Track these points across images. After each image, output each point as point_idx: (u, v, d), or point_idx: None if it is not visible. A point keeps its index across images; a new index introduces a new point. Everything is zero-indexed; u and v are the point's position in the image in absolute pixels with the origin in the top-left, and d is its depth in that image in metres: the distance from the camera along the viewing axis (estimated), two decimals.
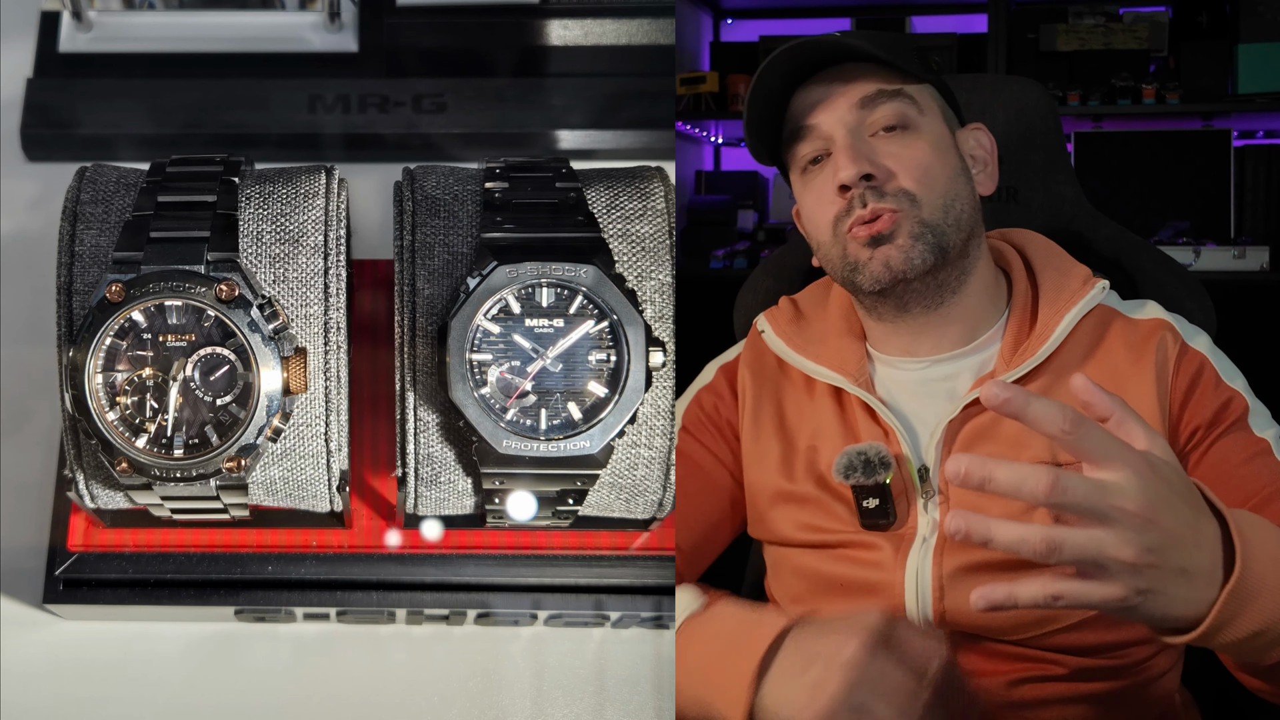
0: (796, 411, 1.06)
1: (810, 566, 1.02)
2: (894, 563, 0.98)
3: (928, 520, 0.98)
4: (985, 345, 1.02)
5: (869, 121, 0.99)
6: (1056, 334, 0.98)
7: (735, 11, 3.51)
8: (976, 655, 0.97)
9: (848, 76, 1.00)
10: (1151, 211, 3.03)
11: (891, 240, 0.97)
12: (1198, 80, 3.07)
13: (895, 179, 0.97)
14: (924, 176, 0.98)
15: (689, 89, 3.23)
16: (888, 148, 0.98)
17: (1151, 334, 0.99)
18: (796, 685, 0.79)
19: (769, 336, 1.08)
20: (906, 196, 0.97)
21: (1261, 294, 2.83)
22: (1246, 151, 3.11)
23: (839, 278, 1.02)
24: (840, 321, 1.07)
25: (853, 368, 1.03)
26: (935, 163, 0.99)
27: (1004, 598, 0.72)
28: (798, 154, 1.02)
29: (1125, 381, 0.97)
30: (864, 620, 0.80)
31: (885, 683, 0.78)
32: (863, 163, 0.97)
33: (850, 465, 0.99)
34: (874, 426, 1.01)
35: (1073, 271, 1.03)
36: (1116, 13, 3.15)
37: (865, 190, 0.97)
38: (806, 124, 1.00)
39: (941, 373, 1.02)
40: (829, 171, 0.99)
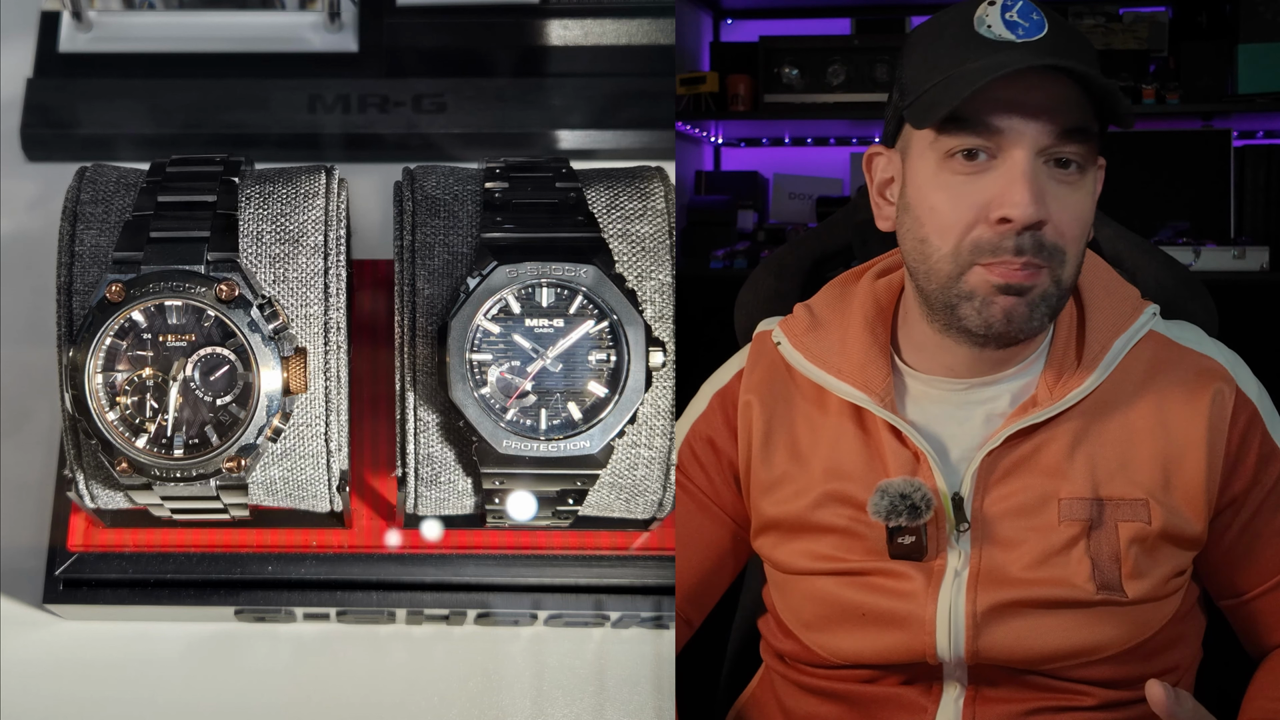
0: (810, 430, 0.99)
1: (828, 592, 0.97)
2: (925, 595, 0.93)
3: (959, 553, 0.93)
4: (1028, 369, 0.96)
5: (1052, 150, 0.88)
6: (1104, 364, 0.94)
7: (735, 11, 3.50)
8: (1004, 687, 0.94)
9: (1055, 91, 0.88)
10: (1151, 211, 3.03)
11: (1024, 295, 0.89)
12: (1198, 80, 3.06)
13: (1054, 231, 0.89)
14: (1079, 234, 0.90)
15: (689, 89, 3.23)
16: (1057, 190, 0.89)
17: (1207, 380, 0.95)
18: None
19: (785, 349, 1.01)
20: (1059, 254, 0.89)
21: (1261, 294, 2.83)
22: (1246, 151, 3.11)
23: (933, 288, 0.92)
24: (865, 333, 0.98)
25: (878, 385, 0.96)
26: (1089, 218, 0.91)
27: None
28: (952, 139, 0.89)
29: (1174, 421, 0.94)
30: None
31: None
32: (1042, 208, 0.87)
33: (894, 509, 0.93)
34: (902, 449, 0.95)
35: (1121, 294, 0.98)
36: (1116, 13, 3.15)
37: (1029, 235, 0.88)
38: (989, 120, 0.88)
39: (982, 395, 0.96)
40: (988, 182, 0.88)
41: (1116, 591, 0.92)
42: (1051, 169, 0.89)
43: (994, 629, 0.92)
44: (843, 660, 0.97)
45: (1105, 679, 0.93)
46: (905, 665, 0.95)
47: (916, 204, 0.92)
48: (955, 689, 0.95)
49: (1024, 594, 0.92)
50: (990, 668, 0.94)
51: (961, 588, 0.93)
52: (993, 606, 0.92)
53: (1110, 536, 0.92)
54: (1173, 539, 0.93)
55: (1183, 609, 0.97)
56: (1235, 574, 0.98)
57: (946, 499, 0.94)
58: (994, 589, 0.92)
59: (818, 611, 0.97)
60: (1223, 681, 1.01)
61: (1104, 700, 0.94)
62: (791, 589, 1.00)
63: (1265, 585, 0.97)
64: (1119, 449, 0.94)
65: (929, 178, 0.91)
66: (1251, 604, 0.98)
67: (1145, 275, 1.09)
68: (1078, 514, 0.93)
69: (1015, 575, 0.92)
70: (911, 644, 0.93)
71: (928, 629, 0.93)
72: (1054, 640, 0.92)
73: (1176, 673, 0.97)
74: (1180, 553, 0.95)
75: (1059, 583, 0.92)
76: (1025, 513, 0.93)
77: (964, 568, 0.93)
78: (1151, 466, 0.93)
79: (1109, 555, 0.92)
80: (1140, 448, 0.94)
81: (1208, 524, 0.95)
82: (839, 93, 3.27)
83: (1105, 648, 0.92)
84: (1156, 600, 0.93)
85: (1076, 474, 0.93)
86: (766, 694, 1.06)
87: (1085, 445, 0.94)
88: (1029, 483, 0.94)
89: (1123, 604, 0.92)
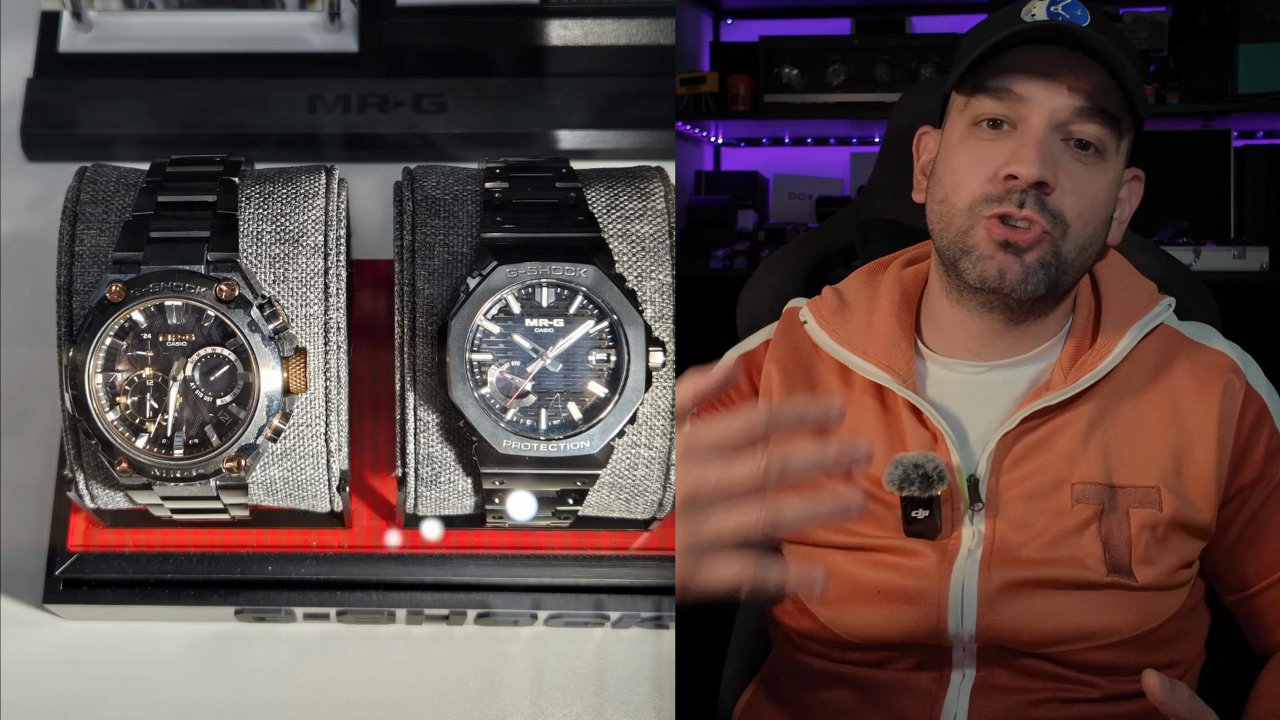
0: None
1: (841, 569, 0.98)
2: (938, 573, 0.95)
3: (972, 531, 0.95)
4: (1046, 354, 0.99)
5: (1071, 127, 0.93)
6: (1117, 350, 0.97)
7: (735, 11, 3.51)
8: (1012, 673, 0.95)
9: (1080, 69, 0.93)
10: (1151, 211, 3.02)
11: (1021, 255, 0.93)
12: (1198, 80, 3.07)
13: (1060, 199, 0.93)
14: (1087, 210, 0.94)
15: (689, 89, 3.23)
16: (1073, 165, 0.93)
17: (1218, 372, 0.97)
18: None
19: (812, 328, 1.04)
20: (1061, 222, 0.93)
21: (1261, 294, 2.83)
22: (1246, 151, 3.12)
23: (944, 244, 0.97)
24: (890, 317, 1.02)
25: (901, 367, 0.99)
26: (1102, 202, 0.95)
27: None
28: (979, 106, 0.95)
29: (1186, 412, 0.96)
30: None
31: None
32: (1048, 170, 0.92)
33: (906, 477, 0.95)
34: (921, 430, 0.98)
35: (1138, 286, 1.01)
36: (1116, 13, 3.15)
37: (1033, 194, 0.92)
38: (1011, 88, 0.94)
39: (1000, 378, 0.99)
40: (1005, 146, 0.94)
41: (1126, 575, 0.93)
42: (1071, 148, 0.93)
43: (1004, 607, 0.93)
44: (856, 637, 0.98)
45: (1111, 665, 0.94)
46: (915, 646, 0.96)
47: (941, 167, 0.98)
48: (963, 675, 0.95)
49: (1035, 573, 0.93)
50: (998, 653, 0.95)
51: (974, 565, 0.94)
52: (1004, 584, 0.94)
53: (1122, 521, 0.94)
54: (1183, 527, 0.95)
55: (1189, 604, 0.98)
56: (1240, 567, 0.99)
57: (962, 478, 0.96)
58: (1006, 567, 0.94)
59: (834, 588, 0.99)
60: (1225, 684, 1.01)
61: (1109, 693, 0.95)
62: (804, 564, 1.01)
63: (1269, 579, 0.98)
64: (1131, 436, 0.96)
65: (956, 143, 0.97)
66: (1256, 599, 0.99)
67: (1147, 275, 1.10)
68: (1090, 498, 0.95)
69: (1028, 555, 0.94)
70: (924, 620, 0.95)
71: (940, 604, 0.94)
72: (1063, 621, 0.93)
73: (1180, 667, 0.97)
74: (1189, 542, 0.96)
75: (1070, 563, 0.93)
76: (1039, 495, 0.95)
77: (977, 546, 0.95)
78: (1163, 454, 0.95)
79: (1120, 539, 0.94)
80: (1152, 436, 0.96)
81: (1216, 514, 0.96)
82: (839, 93, 3.28)
83: (1113, 632, 0.94)
84: (1165, 589, 0.95)
85: (1090, 459, 0.95)
86: (778, 682, 1.06)
87: (1099, 431, 0.96)
88: (1043, 465, 0.95)
89: (1132, 588, 0.93)
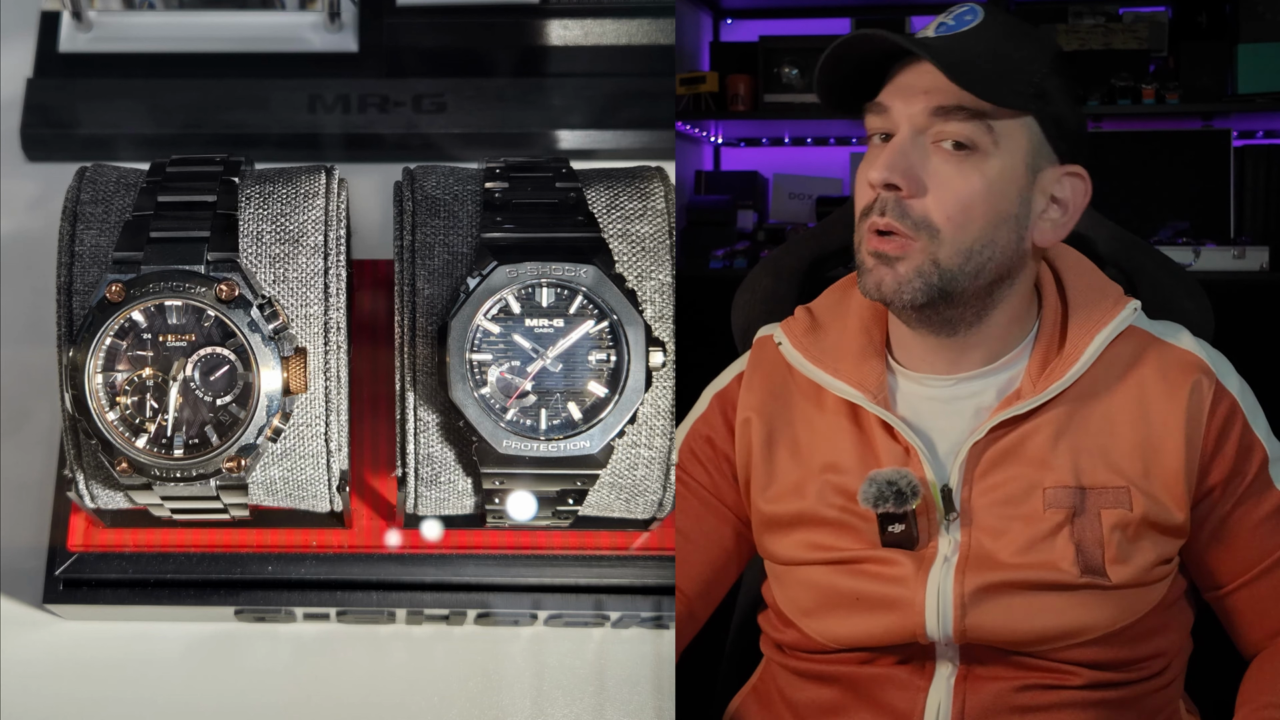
0: (809, 429, 1.02)
1: (823, 581, 0.99)
2: (915, 580, 0.95)
3: (949, 540, 0.96)
4: (1012, 363, 0.98)
5: (935, 129, 0.92)
6: (1085, 356, 0.96)
7: (735, 11, 3.50)
8: (995, 663, 0.96)
9: (938, 78, 0.92)
10: (1151, 211, 3.03)
11: (893, 265, 0.93)
12: (1197, 80, 3.06)
13: (924, 204, 0.92)
14: (959, 213, 0.92)
15: (689, 89, 3.23)
16: (941, 167, 0.92)
17: (1187, 371, 0.97)
18: None
19: (786, 349, 1.03)
20: (928, 229, 0.92)
21: (1261, 294, 2.83)
22: (1246, 151, 3.11)
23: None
24: (860, 335, 1.02)
25: (872, 384, 0.99)
26: (980, 202, 0.93)
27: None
28: (870, 124, 0.96)
29: (1154, 411, 0.96)
30: None
31: None
32: (895, 172, 0.92)
33: (881, 495, 0.95)
34: (893, 445, 0.98)
35: (1104, 289, 1.00)
36: (1116, 13, 3.15)
37: (891, 200, 0.92)
38: (882, 101, 0.94)
39: (967, 390, 0.99)
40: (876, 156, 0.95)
41: (1100, 576, 0.93)
42: (944, 149, 0.93)
43: (981, 609, 0.94)
44: (839, 644, 0.99)
45: (1092, 660, 0.95)
46: (898, 646, 0.97)
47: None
48: (947, 668, 0.97)
49: (1010, 576, 0.94)
50: (980, 648, 0.96)
51: (950, 571, 0.95)
52: (979, 588, 0.94)
53: (1093, 523, 0.94)
54: (1155, 526, 0.95)
55: (1169, 598, 0.98)
56: (1215, 565, 0.99)
57: (935, 490, 0.96)
58: (981, 572, 0.94)
59: (815, 599, 1.00)
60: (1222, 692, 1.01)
61: (1091, 680, 0.95)
62: (790, 580, 1.02)
63: (1243, 578, 0.98)
64: (1100, 438, 0.96)
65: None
66: (1231, 597, 1.00)
67: (1142, 275, 1.10)
68: (1062, 502, 0.95)
69: (1002, 560, 0.94)
70: (903, 625, 0.95)
71: (917, 610, 0.95)
72: (1040, 621, 0.94)
73: (1164, 658, 0.98)
74: (1164, 540, 0.96)
75: (1044, 566, 0.94)
76: (1011, 501, 0.95)
77: (953, 554, 0.96)
78: (1132, 455, 0.95)
79: (1092, 540, 0.94)
80: (1121, 437, 0.96)
81: (1189, 512, 0.96)
82: None
83: (1090, 630, 0.94)
84: (1140, 586, 0.95)
85: (1060, 463, 0.95)
86: (767, 686, 1.06)
87: (1068, 435, 0.96)
88: (1015, 473, 0.96)
89: (1106, 588, 0.94)
